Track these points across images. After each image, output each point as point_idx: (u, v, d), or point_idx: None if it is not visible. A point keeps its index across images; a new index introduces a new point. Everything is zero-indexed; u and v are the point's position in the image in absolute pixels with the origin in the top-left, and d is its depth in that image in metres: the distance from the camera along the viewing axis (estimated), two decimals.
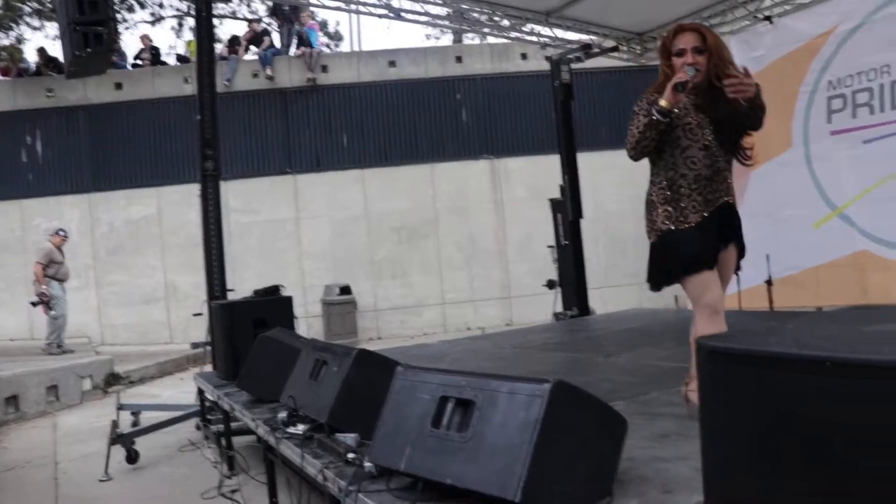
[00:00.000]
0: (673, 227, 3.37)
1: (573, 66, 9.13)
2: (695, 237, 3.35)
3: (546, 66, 9.51)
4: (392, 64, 13.90)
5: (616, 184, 12.94)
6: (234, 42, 14.17)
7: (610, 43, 9.23)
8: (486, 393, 2.45)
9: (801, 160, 7.48)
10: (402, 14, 8.19)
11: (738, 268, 3.60)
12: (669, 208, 3.39)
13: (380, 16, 8.16)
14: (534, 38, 9.17)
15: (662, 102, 3.25)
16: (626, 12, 8.56)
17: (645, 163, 3.56)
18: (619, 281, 12.68)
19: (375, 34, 49.54)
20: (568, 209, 8.81)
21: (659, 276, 3.47)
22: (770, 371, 1.29)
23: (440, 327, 13.38)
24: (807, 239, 7.00)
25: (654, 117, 3.27)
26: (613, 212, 13.15)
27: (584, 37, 9.18)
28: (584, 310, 8.89)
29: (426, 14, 8.38)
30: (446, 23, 9.10)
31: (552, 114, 9.86)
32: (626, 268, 13.07)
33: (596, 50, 9.08)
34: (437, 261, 13.64)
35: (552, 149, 9.86)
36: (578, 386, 4.10)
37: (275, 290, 6.14)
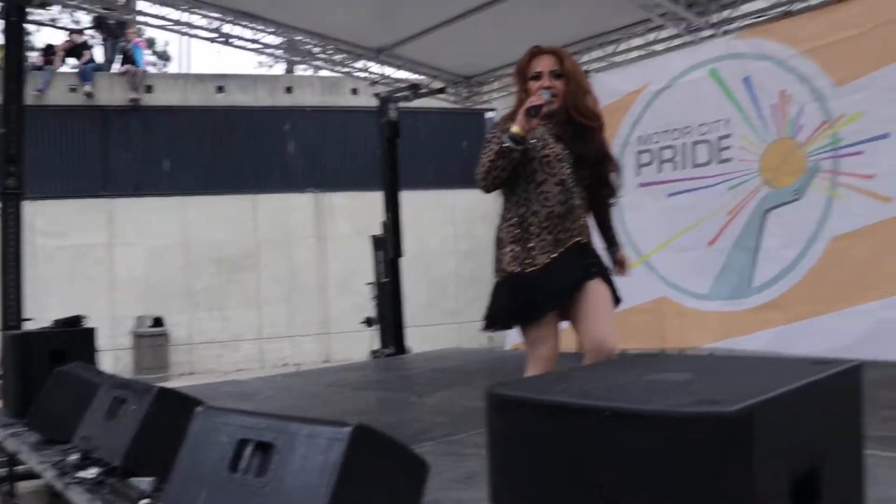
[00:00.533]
0: (518, 270, 3.11)
1: (401, 104, 9.25)
2: (539, 282, 3.08)
3: (376, 102, 9.58)
4: (220, 89, 13.52)
5: (439, 223, 13.16)
6: (48, 51, 13.24)
7: (438, 84, 9.43)
8: (286, 436, 2.37)
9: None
10: (232, 40, 8.00)
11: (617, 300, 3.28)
12: (517, 248, 3.12)
13: (209, 39, 7.92)
14: (364, 75, 9.21)
15: (515, 129, 2.98)
16: (455, 55, 8.79)
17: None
18: (438, 319, 12.83)
19: (205, 57, 48.14)
20: (388, 247, 8.85)
21: (496, 318, 3.23)
22: (554, 419, 1.32)
23: (257, 362, 13.00)
24: (617, 284, 7.36)
25: (505, 145, 3.00)
26: (435, 251, 13.33)
27: (413, 76, 9.33)
28: (401, 348, 8.92)
29: (256, 42, 8.22)
30: (278, 52, 8.96)
31: (379, 151, 9.92)
32: (445, 306, 13.26)
33: (424, 90, 9.24)
34: (256, 294, 13.28)
35: (378, 185, 9.91)
36: (388, 426, 4.08)
37: (76, 320, 5.71)
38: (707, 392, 1.33)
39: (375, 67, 9.03)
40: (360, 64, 9.00)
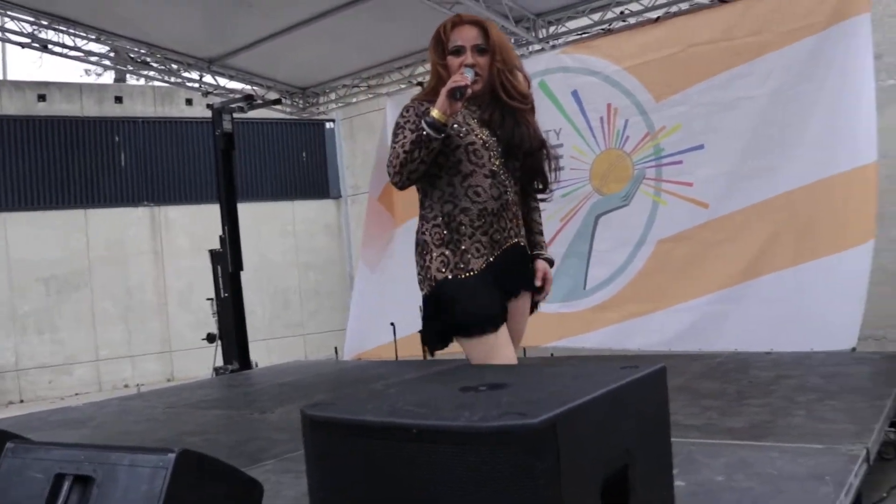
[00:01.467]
0: (450, 276, 2.65)
1: (237, 115, 9.06)
2: (477, 290, 2.64)
3: (210, 113, 9.32)
4: (42, 98, 12.72)
5: (279, 234, 12.96)
6: None
7: (273, 95, 9.30)
8: (107, 467, 2.26)
9: None
10: (51, 47, 7.54)
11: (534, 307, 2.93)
12: (447, 252, 2.66)
13: (22, 45, 7.43)
14: (196, 85, 8.95)
15: (435, 113, 2.50)
16: (289, 67, 8.72)
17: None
18: (283, 332, 12.65)
19: (26, 64, 45.24)
20: (228, 261, 8.63)
21: (434, 336, 2.72)
22: (365, 439, 1.33)
23: (94, 386, 12.34)
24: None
25: (424, 132, 2.51)
26: (277, 263, 13.12)
27: (247, 87, 9.16)
28: (245, 363, 8.72)
29: (77, 49, 7.79)
30: (104, 61, 8.53)
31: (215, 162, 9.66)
32: (290, 319, 13.09)
33: (259, 101, 9.09)
34: (90, 314, 12.60)
35: (215, 198, 9.66)
36: (229, 445, 3.98)
37: None
38: (515, 404, 1.37)
39: (208, 78, 8.80)
40: (193, 74, 8.74)
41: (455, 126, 2.65)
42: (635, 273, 7.05)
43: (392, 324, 7.71)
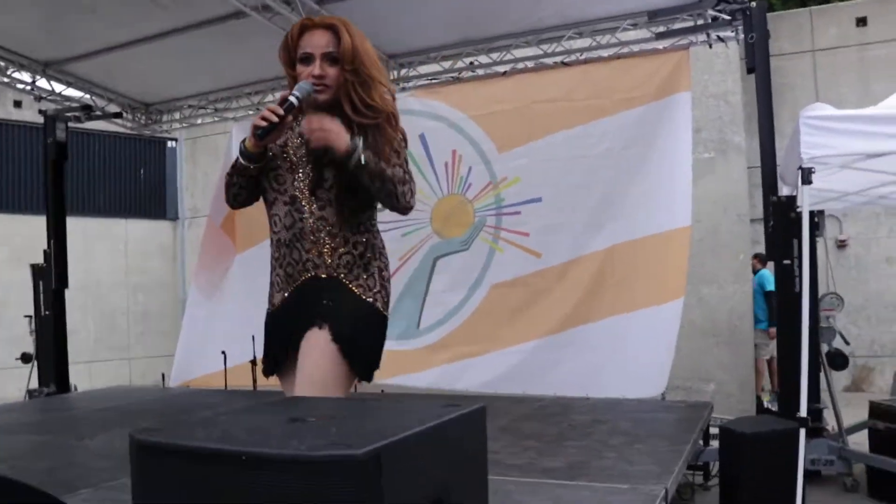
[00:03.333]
0: (268, 308, 2.57)
1: (72, 125, 8.65)
2: (269, 328, 2.55)
3: (42, 119, 8.85)
4: None
5: (110, 253, 12.40)
6: None
7: (114, 108, 8.95)
8: None
9: None
10: None
11: (362, 373, 2.43)
12: (271, 281, 2.56)
13: None
14: (28, 87, 8.42)
15: (248, 143, 2.37)
16: (133, 80, 8.38)
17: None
18: (109, 355, 12.06)
19: None
20: (52, 276, 8.19)
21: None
22: (196, 465, 1.36)
23: None
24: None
25: (238, 161, 2.42)
26: (105, 282, 12.53)
27: (85, 96, 8.76)
28: (64, 386, 8.24)
29: None
30: None
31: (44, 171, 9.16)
32: (117, 341, 12.50)
33: (98, 112, 8.73)
34: None
35: (42, 209, 9.15)
36: (42, 472, 3.78)
37: None
38: (341, 435, 1.45)
39: (42, 82, 8.32)
40: (24, 76, 8.22)
41: (270, 151, 2.45)
42: (468, 314, 7.30)
43: (223, 352, 7.55)
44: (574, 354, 6.68)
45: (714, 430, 5.40)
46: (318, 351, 2.33)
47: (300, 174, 2.43)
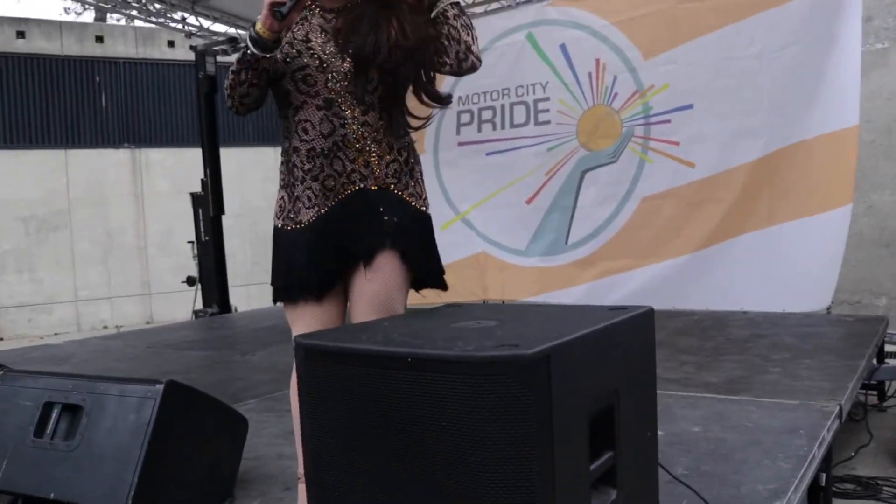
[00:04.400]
0: (280, 225, 2.25)
1: (220, 58, 8.92)
2: (296, 248, 2.19)
3: (193, 55, 9.18)
4: (21, 35, 12.46)
5: (262, 180, 12.88)
6: None
7: None
8: (95, 396, 2.29)
9: (430, 167, 8.02)
10: None
11: (422, 282, 2.27)
12: (285, 195, 2.25)
13: None
14: (179, 26, 8.77)
15: (258, 27, 1.99)
16: None
17: (275, 158, 2.45)
18: (264, 278, 12.58)
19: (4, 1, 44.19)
20: (209, 204, 8.58)
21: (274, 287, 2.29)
22: (359, 367, 1.35)
23: (73, 326, 12.33)
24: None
25: (248, 50, 2.03)
26: (259, 208, 13.02)
27: (231, 30, 9.01)
28: (225, 307, 8.73)
29: None
30: None
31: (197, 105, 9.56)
32: (270, 265, 13.06)
33: (242, 44, 8.93)
34: (70, 255, 12.53)
35: (198, 142, 9.57)
36: (210, 385, 4.01)
37: None
38: (508, 337, 1.40)
39: (192, 19, 8.63)
40: (176, 15, 8.57)
41: (287, 46, 2.12)
42: (618, 229, 7.07)
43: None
44: (729, 267, 6.36)
45: (890, 348, 5.05)
46: (388, 276, 2.13)
47: (334, 74, 2.13)
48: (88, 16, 18.05)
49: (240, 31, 8.97)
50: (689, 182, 6.70)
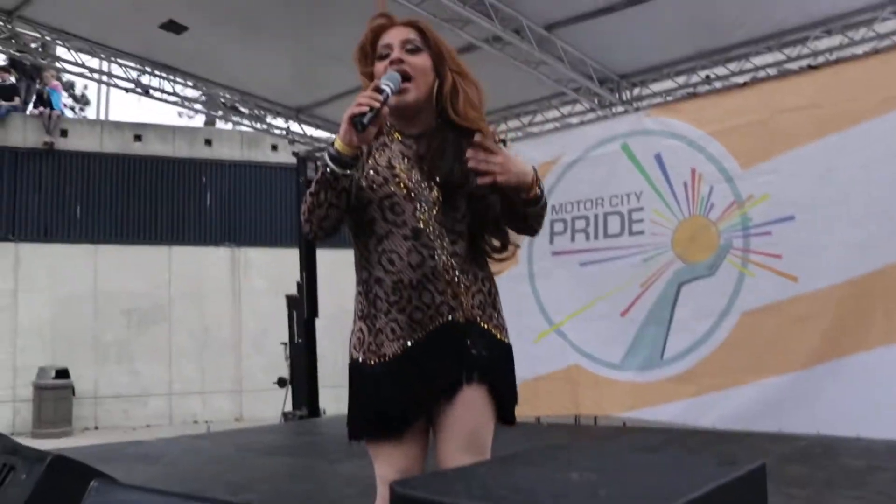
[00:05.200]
0: (361, 360, 2.07)
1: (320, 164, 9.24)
2: (381, 382, 2.03)
3: (295, 159, 9.56)
4: (138, 138, 13.25)
5: (354, 282, 13.06)
6: None
7: None
8: None
9: (525, 277, 7.96)
10: (152, 91, 7.91)
11: (506, 419, 2.11)
12: (364, 327, 2.10)
13: (126, 90, 7.82)
14: (282, 132, 9.19)
15: (338, 144, 1.88)
16: None
17: None
18: None
19: (125, 103, 47.32)
20: (304, 307, 8.73)
21: (348, 425, 2.11)
22: None
23: (166, 418, 12.55)
24: (528, 351, 7.34)
25: (327, 168, 1.91)
26: (351, 310, 13.19)
27: (332, 136, 9.34)
28: (314, 410, 8.74)
29: (176, 94, 8.16)
30: (197, 106, 8.94)
31: (297, 208, 9.86)
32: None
33: (320, 163, 9.25)
34: (167, 348, 12.87)
35: (295, 242, 9.82)
36: (298, 496, 3.95)
37: None
38: (614, 498, 1.30)
39: (295, 126, 9.03)
40: (280, 122, 8.98)
41: (371, 173, 2.04)
42: (717, 345, 6.80)
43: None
44: (842, 388, 5.99)
45: None
46: (478, 411, 2.02)
47: (422, 203, 2.03)
48: (199, 120, 19.09)
49: None
50: (793, 296, 6.44)
